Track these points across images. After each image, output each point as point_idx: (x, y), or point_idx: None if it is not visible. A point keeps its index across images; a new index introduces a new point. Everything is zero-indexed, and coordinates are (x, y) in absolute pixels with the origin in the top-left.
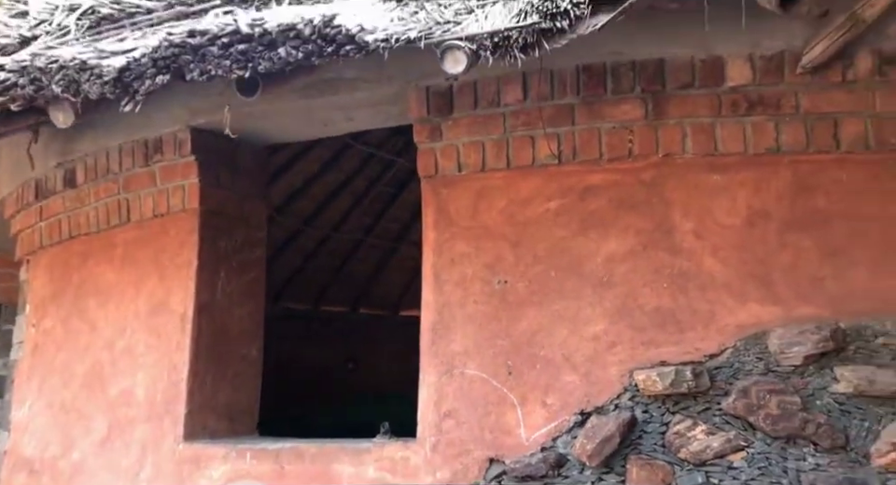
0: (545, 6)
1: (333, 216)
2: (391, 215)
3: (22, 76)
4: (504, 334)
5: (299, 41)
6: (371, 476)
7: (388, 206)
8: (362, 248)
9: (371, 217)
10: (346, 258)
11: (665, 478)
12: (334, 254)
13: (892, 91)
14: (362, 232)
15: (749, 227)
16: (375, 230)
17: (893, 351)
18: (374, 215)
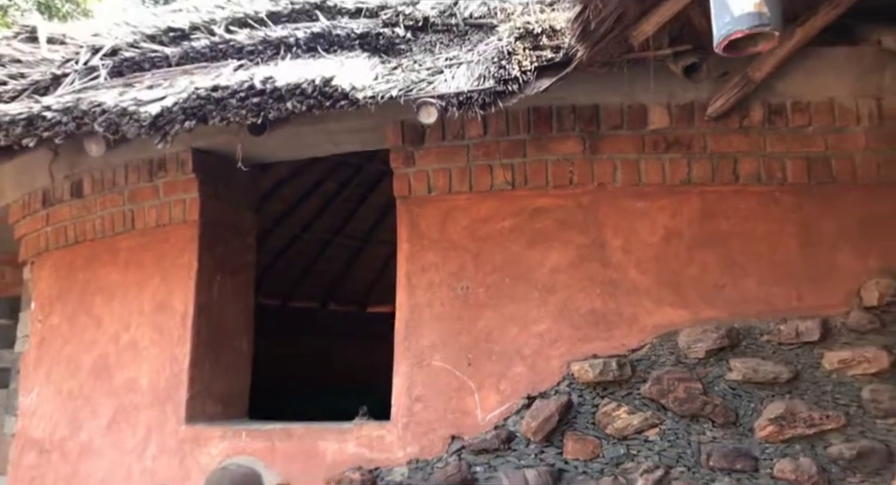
0: (499, 73)
1: (303, 217)
2: (359, 216)
3: (66, 115)
4: (465, 331)
5: (303, 97)
6: (352, 451)
7: (357, 207)
8: (331, 247)
9: (339, 218)
10: (316, 257)
11: (594, 450)
12: (304, 253)
13: (779, 136)
14: (331, 232)
15: (665, 244)
16: (344, 230)
17: (774, 346)
18: (343, 216)
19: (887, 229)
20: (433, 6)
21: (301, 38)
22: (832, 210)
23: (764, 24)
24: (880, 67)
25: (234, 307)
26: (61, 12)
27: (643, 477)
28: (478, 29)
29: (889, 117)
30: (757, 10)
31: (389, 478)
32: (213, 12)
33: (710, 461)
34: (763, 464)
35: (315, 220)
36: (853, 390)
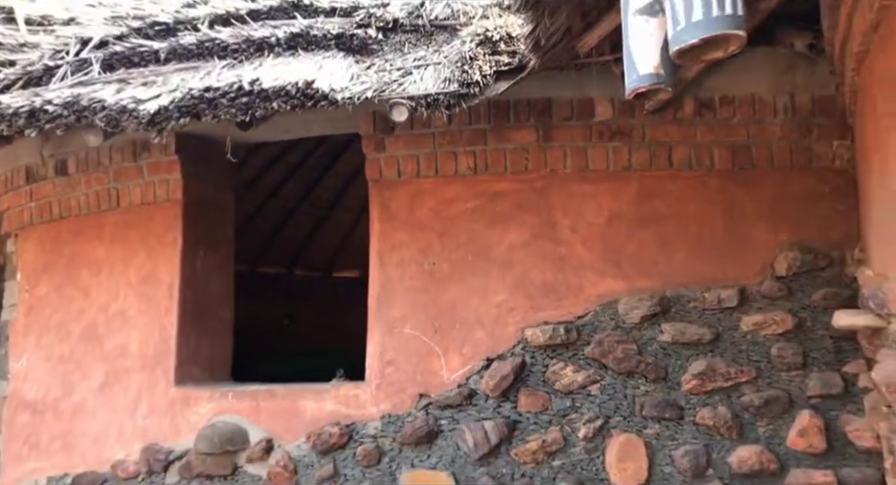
0: (462, 76)
1: (269, 185)
2: (325, 184)
3: (67, 109)
4: (432, 303)
5: (287, 97)
6: (330, 409)
7: (322, 175)
8: (296, 214)
9: (304, 186)
10: (282, 224)
11: (544, 404)
12: (270, 219)
13: (708, 127)
14: (297, 200)
15: (608, 224)
16: (309, 197)
17: (700, 311)
18: (308, 183)
19: (797, 208)
20: (401, 8)
21: (282, 38)
22: (751, 192)
23: (660, 83)
24: (793, 67)
25: (216, 279)
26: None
27: (586, 426)
28: (443, 30)
29: (800, 111)
30: (655, 71)
31: (364, 431)
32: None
33: (643, 411)
34: (688, 413)
35: (281, 188)
36: (764, 348)
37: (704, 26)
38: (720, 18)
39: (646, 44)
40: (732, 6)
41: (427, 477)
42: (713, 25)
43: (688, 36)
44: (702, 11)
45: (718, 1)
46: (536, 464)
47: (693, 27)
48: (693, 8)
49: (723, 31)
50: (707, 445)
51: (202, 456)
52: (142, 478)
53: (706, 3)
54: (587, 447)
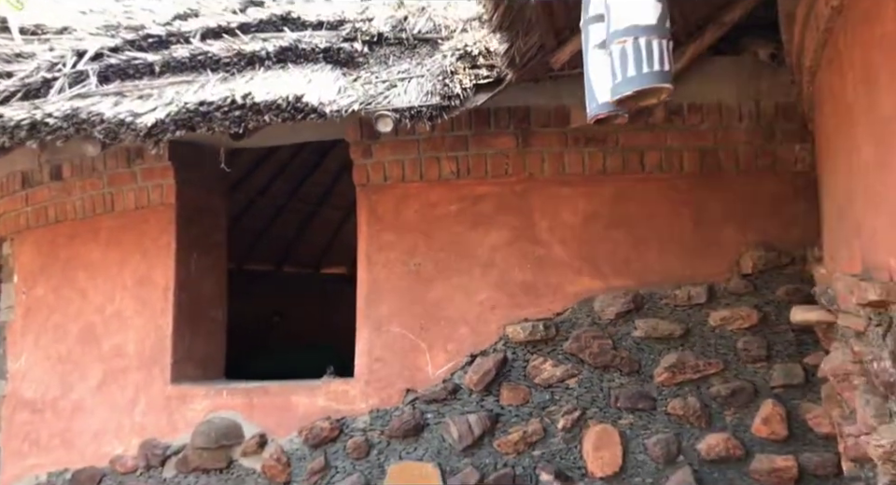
0: (444, 90)
1: (258, 183)
2: (313, 181)
3: (67, 121)
4: (418, 301)
5: (278, 111)
6: (321, 404)
7: (311, 173)
8: (285, 212)
9: (293, 183)
10: (270, 221)
11: (525, 397)
12: (258, 217)
13: (677, 133)
14: (286, 197)
15: (584, 224)
16: (297, 195)
17: (671, 308)
18: (296, 182)
19: (761, 209)
20: (386, 22)
21: (272, 51)
22: (719, 194)
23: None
24: (757, 75)
25: (209, 281)
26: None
27: (564, 417)
28: (425, 43)
29: (764, 116)
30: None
31: (353, 425)
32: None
33: (618, 402)
34: (660, 404)
35: (269, 186)
36: (731, 342)
37: (637, 80)
38: (650, 73)
39: (604, 76)
40: (660, 64)
41: (414, 468)
42: (644, 80)
43: (623, 89)
44: (635, 68)
45: (648, 59)
46: (517, 454)
47: (627, 81)
48: (628, 65)
49: (653, 84)
50: (677, 433)
51: (198, 451)
52: (140, 473)
53: (637, 61)
54: (565, 437)
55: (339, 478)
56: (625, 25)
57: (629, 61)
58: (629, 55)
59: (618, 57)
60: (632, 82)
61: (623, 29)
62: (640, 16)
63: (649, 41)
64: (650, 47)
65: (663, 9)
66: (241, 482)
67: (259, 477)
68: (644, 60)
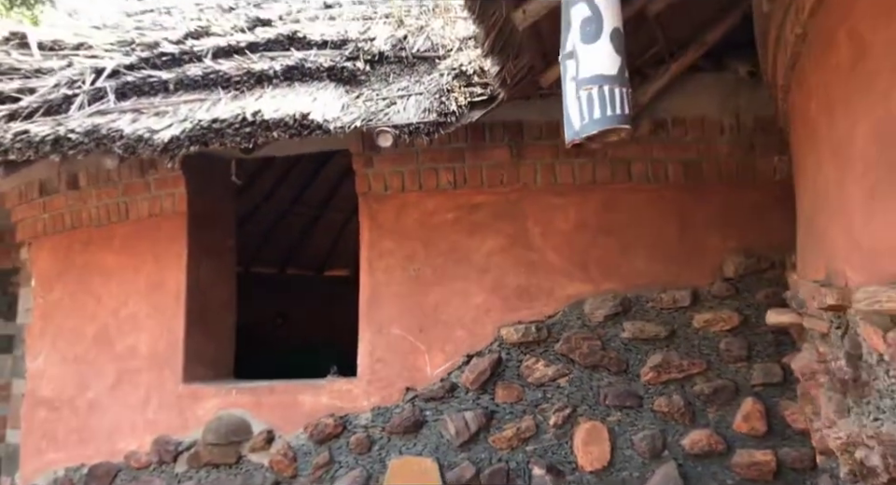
0: (440, 107)
1: (263, 187)
2: (315, 186)
3: (88, 137)
4: (417, 305)
5: (286, 127)
6: (325, 402)
7: (313, 178)
8: (289, 215)
9: (296, 188)
10: (275, 225)
11: (518, 395)
12: (263, 221)
13: (662, 145)
14: (289, 202)
15: (575, 231)
16: (301, 199)
17: (657, 310)
18: (299, 186)
19: (743, 217)
20: (386, 41)
21: (279, 70)
22: (702, 203)
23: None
24: (738, 90)
25: (219, 286)
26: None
27: (555, 414)
28: (424, 61)
29: (744, 130)
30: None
31: (356, 422)
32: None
33: (607, 400)
34: (646, 401)
35: (274, 191)
36: (713, 342)
37: (601, 122)
38: (612, 116)
39: (576, 110)
40: (620, 108)
41: (414, 462)
42: (607, 121)
43: (590, 128)
44: (599, 111)
45: (610, 104)
46: (511, 450)
47: (593, 122)
48: (594, 109)
49: (614, 125)
50: (663, 430)
51: (209, 447)
52: (153, 468)
53: (602, 105)
54: (557, 433)
55: (342, 473)
56: (591, 74)
57: (595, 105)
58: (595, 100)
59: (585, 101)
60: (597, 123)
61: (589, 77)
62: (604, 67)
63: (611, 89)
64: (612, 94)
65: (622, 62)
66: (249, 477)
67: (267, 471)
68: (607, 104)
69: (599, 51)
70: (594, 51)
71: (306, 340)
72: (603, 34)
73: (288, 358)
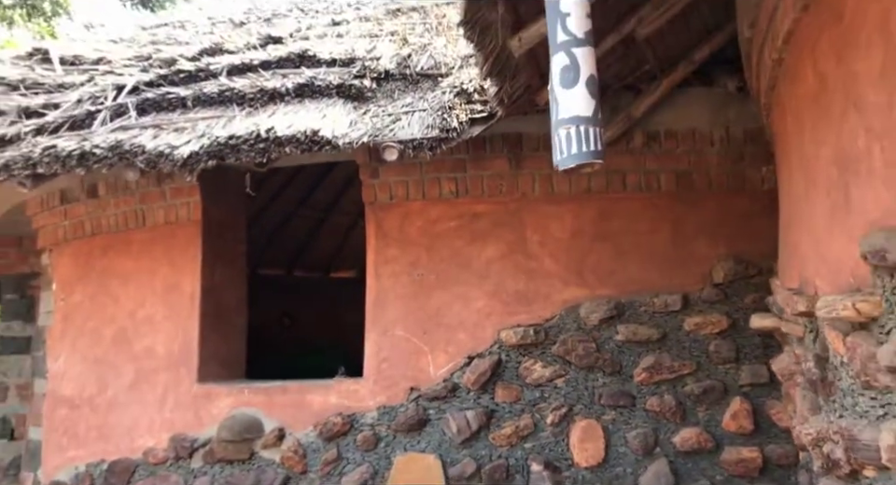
0: (442, 123)
1: (270, 190)
2: (322, 188)
3: (111, 152)
4: (420, 308)
5: (298, 143)
6: (334, 401)
7: (319, 181)
8: (295, 218)
9: (302, 191)
10: (281, 227)
11: (517, 395)
12: (270, 223)
13: (655, 156)
14: (295, 204)
15: (572, 239)
16: (307, 202)
17: (649, 314)
18: (306, 189)
19: (732, 225)
20: (391, 59)
21: (291, 88)
22: (693, 212)
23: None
24: (727, 104)
25: (231, 289)
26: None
27: (552, 413)
28: (427, 78)
29: (734, 141)
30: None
31: (363, 420)
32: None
33: (601, 400)
34: (639, 401)
35: (281, 193)
36: (703, 345)
37: (577, 157)
38: (587, 152)
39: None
40: (594, 145)
41: (418, 459)
42: (583, 157)
43: (568, 162)
44: (576, 147)
45: (585, 141)
46: (510, 447)
47: (571, 156)
48: (572, 145)
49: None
50: (655, 428)
51: (223, 443)
52: (170, 464)
53: (578, 143)
54: (554, 431)
55: (350, 469)
56: (569, 115)
57: (572, 142)
58: (572, 138)
59: (564, 138)
60: (574, 157)
61: (567, 118)
62: (580, 109)
63: (586, 128)
64: (587, 133)
65: (595, 105)
66: (262, 472)
67: (279, 467)
68: (583, 142)
69: (576, 95)
70: (571, 95)
71: (312, 341)
72: (580, 81)
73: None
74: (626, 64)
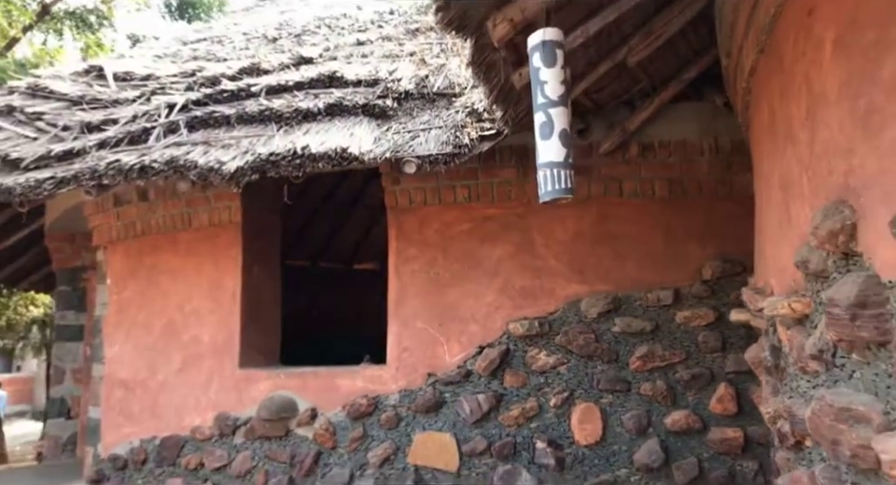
0: (455, 140)
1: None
2: (344, 186)
3: (168, 166)
4: (437, 303)
5: (329, 159)
6: (360, 385)
7: (342, 179)
8: (319, 214)
9: (326, 188)
10: (307, 222)
11: (523, 381)
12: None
13: (649, 165)
14: (319, 201)
15: (574, 241)
16: (331, 198)
17: (644, 308)
18: (329, 186)
19: (720, 227)
20: (410, 80)
21: (322, 107)
22: (684, 216)
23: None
24: (716, 117)
25: (268, 286)
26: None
27: (555, 397)
28: (442, 97)
29: (722, 151)
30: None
31: (386, 402)
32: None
33: (599, 385)
34: (634, 386)
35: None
36: (692, 336)
37: (553, 193)
38: (560, 189)
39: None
40: (566, 184)
41: (435, 437)
42: (557, 193)
43: (546, 197)
44: (551, 186)
45: (559, 181)
46: (517, 427)
47: (547, 192)
48: (548, 183)
49: (562, 196)
50: (648, 410)
51: (262, 422)
52: (215, 440)
53: (553, 182)
54: (557, 413)
55: (374, 445)
56: (546, 161)
57: (549, 182)
58: (549, 178)
59: (542, 178)
60: (550, 194)
61: (544, 162)
62: (554, 156)
63: (559, 171)
64: (560, 174)
65: (566, 152)
66: (296, 447)
67: (311, 443)
68: (557, 182)
69: (551, 145)
70: (547, 145)
71: (336, 328)
72: (554, 134)
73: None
74: (621, 84)
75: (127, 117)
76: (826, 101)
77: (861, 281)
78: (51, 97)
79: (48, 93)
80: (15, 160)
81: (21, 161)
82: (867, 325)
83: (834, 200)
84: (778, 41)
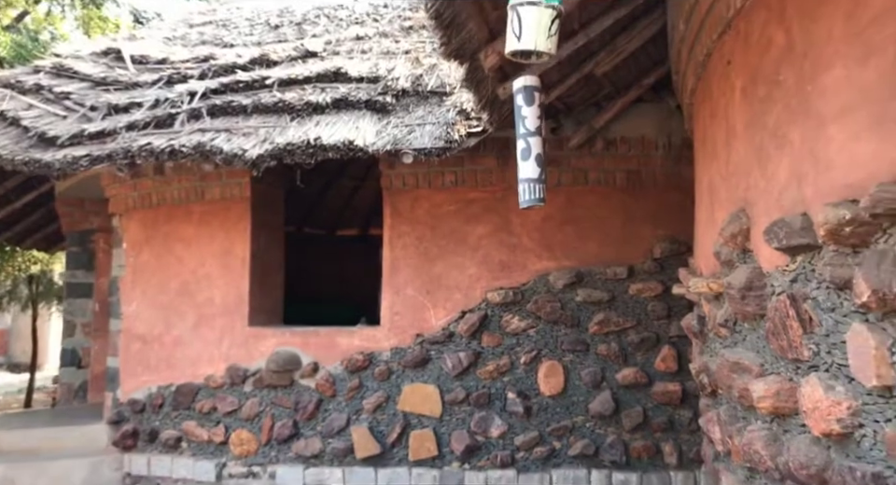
0: (447, 136)
1: None
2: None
3: (195, 150)
4: (425, 274)
5: (338, 150)
6: (357, 343)
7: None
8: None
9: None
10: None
11: (498, 341)
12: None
13: (612, 158)
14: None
15: (545, 222)
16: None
17: (602, 281)
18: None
19: (669, 213)
20: (407, 78)
21: (329, 102)
22: (640, 202)
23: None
24: (670, 116)
25: (273, 254)
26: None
27: (525, 355)
28: (435, 95)
29: (674, 147)
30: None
31: (379, 358)
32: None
33: (563, 346)
34: (591, 347)
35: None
36: (643, 305)
37: (530, 201)
38: (535, 198)
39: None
40: (539, 194)
41: (421, 388)
42: (533, 201)
43: (524, 204)
44: (529, 196)
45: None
46: (492, 380)
47: (525, 201)
48: (526, 193)
49: (536, 204)
50: (602, 367)
51: (270, 373)
52: (226, 387)
53: (530, 193)
54: (526, 369)
55: (369, 394)
56: (525, 176)
57: (526, 192)
58: (527, 190)
59: (521, 190)
60: (528, 202)
61: (524, 178)
62: (531, 173)
63: (535, 185)
64: (535, 188)
65: (541, 171)
66: (300, 395)
67: (314, 391)
68: (534, 193)
69: (529, 165)
70: (526, 165)
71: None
72: (531, 157)
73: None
74: (589, 90)
75: (150, 100)
76: (735, 133)
77: (749, 271)
78: (75, 77)
79: (72, 73)
80: (52, 138)
81: (56, 139)
82: (752, 303)
83: (738, 209)
84: (710, 75)
